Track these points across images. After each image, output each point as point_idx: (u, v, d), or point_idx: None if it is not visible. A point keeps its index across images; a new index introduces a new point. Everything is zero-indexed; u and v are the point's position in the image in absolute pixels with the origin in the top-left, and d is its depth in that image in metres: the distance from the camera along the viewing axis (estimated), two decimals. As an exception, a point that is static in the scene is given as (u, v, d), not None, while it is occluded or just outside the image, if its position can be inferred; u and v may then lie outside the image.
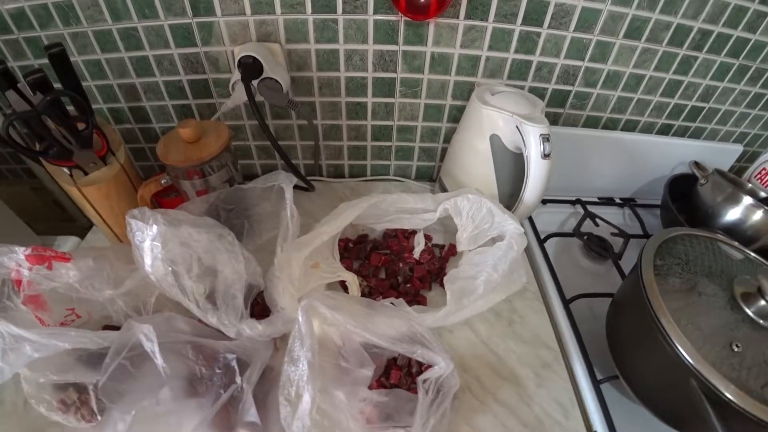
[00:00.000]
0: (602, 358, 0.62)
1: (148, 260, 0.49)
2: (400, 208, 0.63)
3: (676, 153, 0.87)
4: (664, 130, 0.88)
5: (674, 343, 0.47)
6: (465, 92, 0.75)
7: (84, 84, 0.73)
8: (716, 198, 0.79)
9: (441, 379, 0.46)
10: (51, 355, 0.48)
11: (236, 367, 0.44)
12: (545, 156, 0.59)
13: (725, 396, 0.43)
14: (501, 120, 0.62)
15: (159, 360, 0.44)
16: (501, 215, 0.58)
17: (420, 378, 0.47)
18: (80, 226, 0.85)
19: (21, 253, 0.49)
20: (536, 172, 0.60)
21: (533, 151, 0.59)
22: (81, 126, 0.62)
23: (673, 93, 0.81)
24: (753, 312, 0.49)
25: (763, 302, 0.48)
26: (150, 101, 0.77)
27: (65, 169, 0.65)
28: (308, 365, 0.40)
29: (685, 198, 0.82)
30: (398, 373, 0.54)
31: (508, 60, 0.71)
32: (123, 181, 0.70)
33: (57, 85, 0.58)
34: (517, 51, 0.70)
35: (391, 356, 0.54)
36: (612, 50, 0.72)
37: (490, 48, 0.69)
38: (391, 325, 0.46)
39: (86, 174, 0.66)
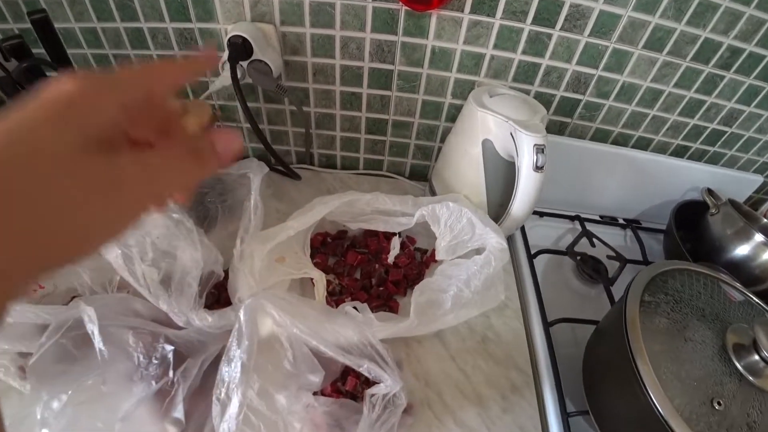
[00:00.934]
0: (575, 389, 0.58)
1: None
2: (376, 208, 0.60)
3: (689, 177, 0.81)
4: (679, 152, 0.82)
5: (647, 391, 0.43)
6: (466, 91, 0.70)
7: (80, 52, 0.72)
8: (726, 231, 0.73)
9: (388, 397, 0.43)
10: (13, 325, 0.48)
11: (171, 359, 0.42)
12: (538, 168, 0.55)
13: None
14: (495, 124, 0.58)
15: (98, 342, 0.43)
16: (482, 227, 0.55)
17: (368, 392, 0.44)
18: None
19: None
20: (527, 184, 0.56)
21: (525, 161, 0.55)
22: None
23: (693, 113, 0.75)
24: (743, 366, 0.44)
25: (756, 357, 0.43)
26: (144, 74, 0.75)
27: None
28: (242, 367, 0.37)
29: (692, 226, 0.76)
30: (354, 381, 0.52)
31: (514, 61, 0.67)
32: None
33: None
34: (524, 52, 0.65)
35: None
36: (629, 60, 0.67)
37: (496, 46, 0.65)
38: (342, 334, 0.44)
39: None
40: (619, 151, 0.77)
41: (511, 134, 0.57)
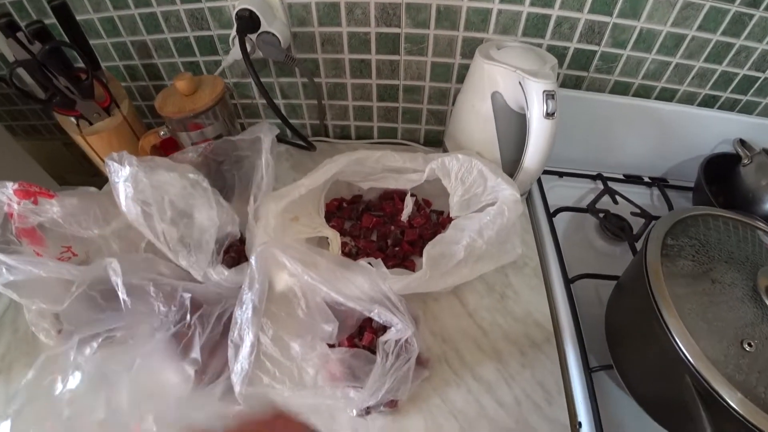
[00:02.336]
0: (598, 345, 0.56)
1: (122, 200, 0.50)
2: (387, 166, 0.59)
3: (720, 129, 0.77)
4: (708, 102, 0.77)
5: (671, 332, 0.41)
6: (474, 50, 0.69)
7: (100, 42, 0.76)
8: (760, 181, 0.69)
9: (401, 343, 0.43)
10: (39, 288, 0.51)
11: (189, 306, 0.44)
12: (548, 115, 0.54)
13: (724, 400, 0.37)
14: (503, 76, 0.57)
15: (122, 293, 0.45)
16: (494, 179, 0.54)
17: (380, 339, 0.45)
18: (106, 180, 0.91)
19: (9, 187, 0.51)
20: (538, 133, 0.55)
21: (535, 109, 0.54)
22: (82, 76, 0.64)
23: (721, 58, 0.71)
24: None
25: None
26: (161, 58, 0.78)
27: (72, 119, 0.68)
28: (252, 309, 0.38)
29: (723, 181, 0.72)
30: (371, 336, 0.52)
31: (522, 14, 0.65)
32: (125, 132, 0.72)
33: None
34: (533, 3, 0.64)
35: (365, 317, 0.52)
36: (646, 4, 0.63)
37: (502, 0, 0.63)
38: (353, 281, 0.44)
39: (91, 124, 0.68)
40: (641, 103, 0.74)
41: (520, 84, 0.56)
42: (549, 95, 0.53)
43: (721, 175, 0.73)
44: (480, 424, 0.50)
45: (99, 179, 0.76)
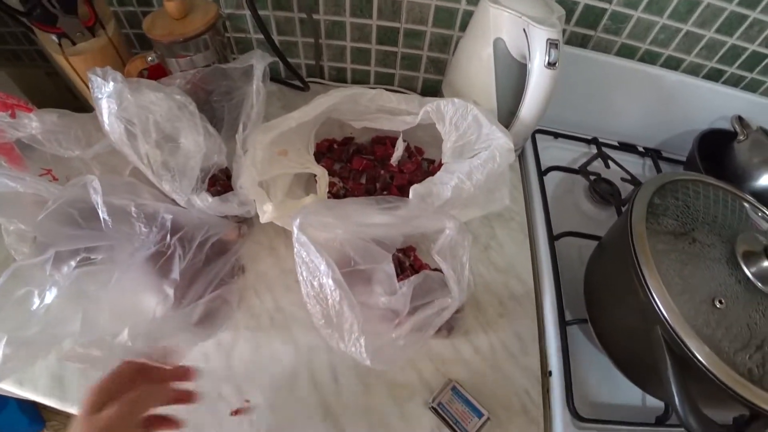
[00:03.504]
0: (574, 302, 0.58)
1: (105, 117, 0.48)
2: (381, 106, 0.58)
3: (720, 104, 0.76)
4: (713, 76, 0.76)
5: (647, 283, 0.42)
6: (481, -4, 0.66)
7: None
8: (752, 158, 0.69)
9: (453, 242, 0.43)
10: (19, 209, 0.50)
11: (169, 227, 0.43)
12: (550, 65, 0.52)
13: (690, 351, 0.39)
14: (507, 21, 0.55)
15: (102, 211, 0.44)
16: (489, 126, 0.53)
17: (434, 251, 0.44)
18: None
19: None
20: (537, 83, 0.54)
21: (537, 57, 0.52)
22: (66, -8, 0.60)
23: (733, 30, 0.69)
24: (752, 272, 0.42)
25: (766, 264, 0.42)
26: (151, -19, 0.74)
27: (53, 37, 0.64)
28: (338, 287, 0.37)
29: (715, 158, 0.72)
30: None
31: (535, -40, 0.62)
32: (111, 54, 0.69)
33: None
34: (547, -51, 0.61)
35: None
36: (663, -38, 0.61)
37: (516, -58, 0.60)
38: (375, 208, 0.43)
39: (74, 44, 0.65)
40: (646, 68, 0.72)
41: (524, 30, 0.54)
42: (552, 44, 0.52)
43: (713, 151, 0.72)
44: (455, 368, 0.51)
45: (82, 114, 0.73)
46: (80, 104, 0.88)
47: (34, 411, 1.18)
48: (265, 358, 0.51)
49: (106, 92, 0.47)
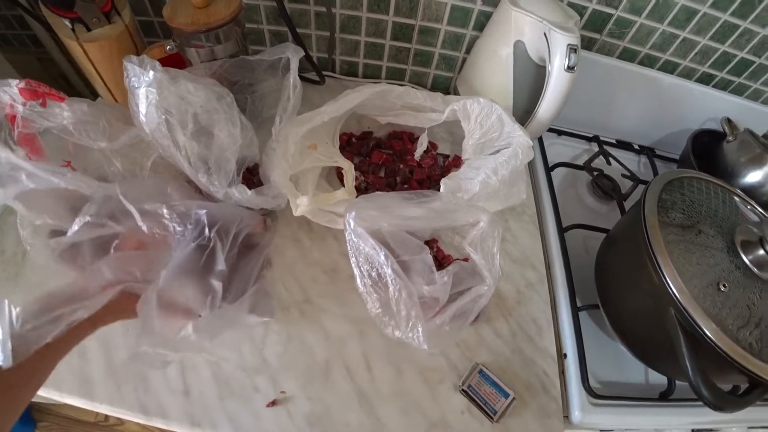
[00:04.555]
0: (585, 289, 0.61)
1: (142, 108, 0.47)
2: (407, 103, 0.60)
3: (710, 106, 0.81)
4: (704, 80, 0.81)
5: (661, 270, 0.47)
6: (497, -2, 0.69)
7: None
8: (740, 157, 0.75)
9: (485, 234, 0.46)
10: (46, 202, 0.49)
11: (206, 221, 0.43)
12: (569, 69, 0.55)
13: (701, 329, 0.43)
14: (529, 25, 0.57)
15: (139, 221, 0.44)
16: (511, 125, 0.56)
17: (466, 242, 0.47)
18: None
19: (14, 86, 0.47)
20: (557, 84, 0.57)
21: (557, 61, 0.55)
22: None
23: (725, 38, 0.74)
24: (750, 260, 0.47)
25: (762, 252, 0.47)
26: (164, -35, 0.72)
27: (67, 22, 0.62)
28: (398, 276, 0.38)
29: (707, 155, 0.78)
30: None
31: (551, -36, 0.65)
32: (127, 43, 0.67)
33: None
34: (563, -45, 0.64)
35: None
36: (668, -27, 0.65)
37: (534, -53, 0.63)
38: (414, 202, 0.45)
39: (89, 30, 0.63)
40: (644, 71, 0.76)
41: (544, 34, 0.57)
42: (572, 49, 0.55)
43: (704, 150, 0.78)
44: (480, 352, 0.54)
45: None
46: (76, 92, 0.86)
47: (24, 412, 1.16)
48: (297, 349, 0.52)
49: (145, 81, 0.46)
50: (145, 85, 0.46)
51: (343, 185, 0.60)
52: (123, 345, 0.50)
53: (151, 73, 0.46)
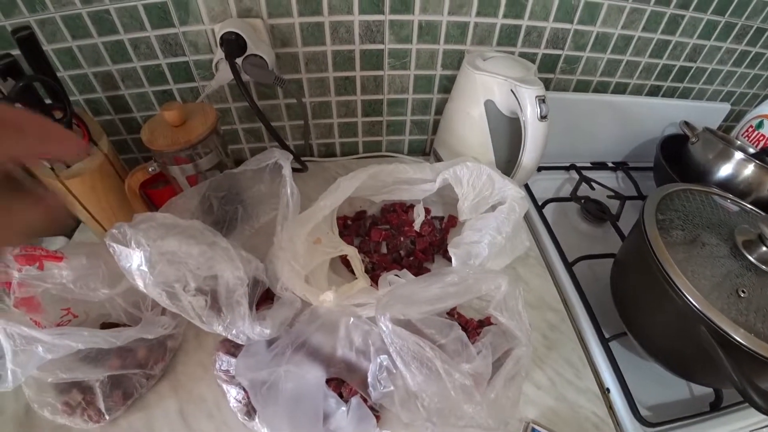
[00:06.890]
0: (607, 317, 0.62)
1: (139, 284, 0.45)
2: (398, 178, 0.62)
3: (665, 114, 0.87)
4: (654, 92, 0.88)
5: (683, 293, 0.48)
6: (455, 61, 0.73)
7: (58, 75, 0.69)
8: (708, 155, 0.79)
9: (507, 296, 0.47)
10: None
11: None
12: (542, 118, 0.59)
13: (735, 339, 0.44)
14: (495, 85, 0.61)
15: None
16: (501, 181, 0.58)
17: (491, 308, 0.47)
18: (67, 226, 0.82)
19: (8, 253, 0.46)
20: (534, 134, 0.60)
21: (530, 113, 0.58)
22: (58, 114, 0.59)
23: (661, 53, 0.81)
24: (755, 258, 0.49)
25: (764, 248, 0.49)
26: (129, 89, 0.74)
27: (45, 162, 0.62)
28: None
29: (676, 158, 0.82)
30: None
31: (497, 25, 0.70)
32: (108, 171, 0.67)
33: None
34: (505, 15, 0.69)
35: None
36: (600, 11, 0.71)
37: (479, 13, 0.68)
38: (433, 284, 0.45)
39: (68, 167, 0.63)
40: (600, 98, 0.82)
41: (511, 91, 0.60)
42: (541, 99, 0.59)
43: (673, 154, 0.82)
44: (526, 409, 0.53)
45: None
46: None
47: None
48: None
49: (135, 261, 0.45)
50: (136, 265, 0.45)
51: (350, 271, 0.60)
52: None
53: (139, 252, 0.44)
